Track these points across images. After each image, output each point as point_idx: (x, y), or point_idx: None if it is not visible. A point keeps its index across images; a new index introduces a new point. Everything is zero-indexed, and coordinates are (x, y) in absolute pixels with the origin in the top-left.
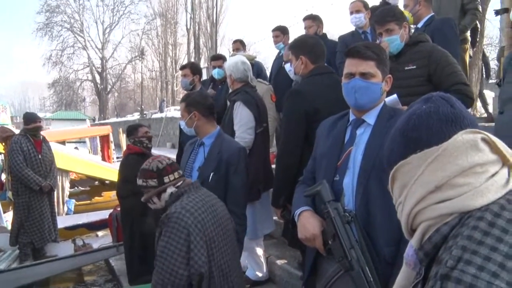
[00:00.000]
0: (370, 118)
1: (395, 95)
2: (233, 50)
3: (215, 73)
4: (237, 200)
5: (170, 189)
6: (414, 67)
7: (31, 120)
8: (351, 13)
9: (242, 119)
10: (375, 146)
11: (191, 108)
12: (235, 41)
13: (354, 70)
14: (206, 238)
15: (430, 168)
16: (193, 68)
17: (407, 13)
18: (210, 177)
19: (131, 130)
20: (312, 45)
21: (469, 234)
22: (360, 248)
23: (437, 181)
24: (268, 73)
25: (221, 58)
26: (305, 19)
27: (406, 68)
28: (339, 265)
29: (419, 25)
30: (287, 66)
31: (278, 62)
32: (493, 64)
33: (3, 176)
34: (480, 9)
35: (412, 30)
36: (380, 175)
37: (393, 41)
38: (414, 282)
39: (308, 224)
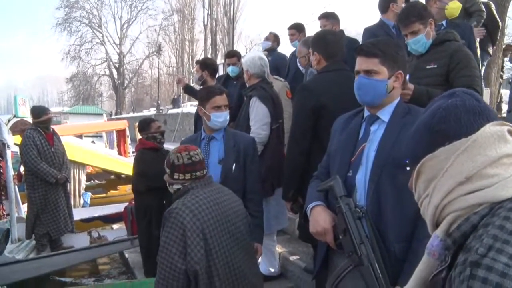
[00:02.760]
0: (384, 114)
1: None
2: (265, 39)
3: (230, 70)
4: (255, 188)
5: (176, 186)
6: (435, 66)
7: (42, 113)
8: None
9: (258, 114)
10: (389, 143)
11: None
12: (270, 33)
13: (359, 68)
14: (205, 236)
15: (459, 160)
16: (201, 64)
17: (457, 5)
18: (233, 168)
19: (144, 125)
20: (329, 42)
21: (501, 224)
22: (370, 243)
23: (467, 172)
24: None
25: (236, 55)
26: (319, 18)
27: (427, 67)
28: (349, 260)
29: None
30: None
31: (295, 60)
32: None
33: (22, 168)
34: (484, 10)
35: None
36: (393, 172)
37: (419, 41)
38: (437, 269)
39: (319, 218)
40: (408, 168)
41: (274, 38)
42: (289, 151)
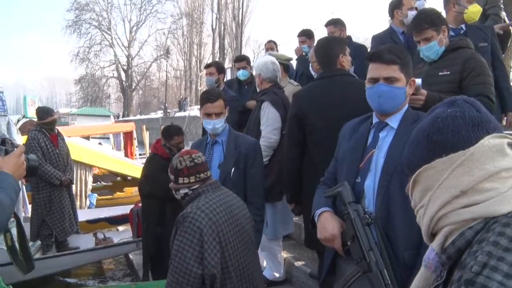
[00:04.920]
0: (393, 121)
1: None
2: (266, 50)
3: (240, 74)
4: (256, 191)
5: (184, 190)
6: (448, 72)
7: (47, 114)
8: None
9: (269, 119)
10: (398, 150)
11: (227, 104)
12: (269, 41)
13: (378, 75)
14: (220, 239)
15: (455, 173)
16: (218, 67)
17: (478, 9)
18: (232, 172)
19: (167, 134)
20: (322, 49)
21: (495, 240)
22: (379, 250)
23: (463, 185)
24: None
25: (245, 59)
26: (327, 25)
27: (440, 73)
28: (357, 266)
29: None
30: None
31: (306, 65)
32: None
33: None
34: (502, 16)
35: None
36: (402, 179)
37: (431, 48)
38: (433, 284)
39: (327, 224)
40: None
41: (275, 46)
42: (284, 157)
